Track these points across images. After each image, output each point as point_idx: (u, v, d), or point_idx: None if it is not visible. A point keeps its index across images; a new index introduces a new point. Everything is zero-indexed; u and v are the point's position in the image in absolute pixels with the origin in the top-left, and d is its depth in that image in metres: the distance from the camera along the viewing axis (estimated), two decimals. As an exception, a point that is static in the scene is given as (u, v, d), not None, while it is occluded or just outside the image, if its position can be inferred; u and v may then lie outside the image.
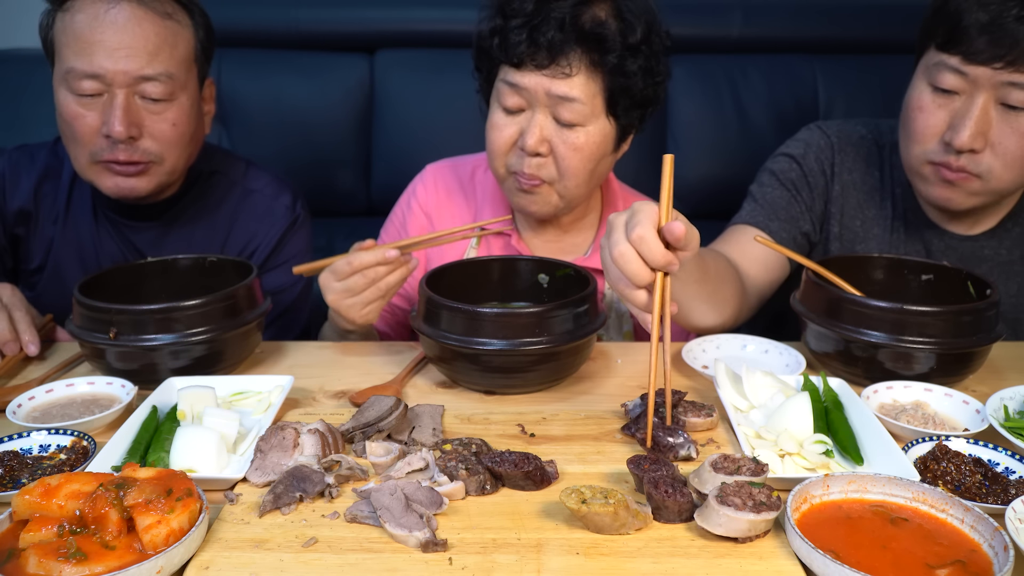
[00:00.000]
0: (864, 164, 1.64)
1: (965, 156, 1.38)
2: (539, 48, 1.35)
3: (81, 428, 1.12)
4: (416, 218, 1.68)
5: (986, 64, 1.32)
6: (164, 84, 1.46)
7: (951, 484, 0.99)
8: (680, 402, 1.16)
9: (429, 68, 2.90)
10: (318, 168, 2.91)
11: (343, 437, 1.10)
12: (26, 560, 0.81)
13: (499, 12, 1.41)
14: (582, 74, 1.38)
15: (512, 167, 1.46)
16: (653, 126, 2.97)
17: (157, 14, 1.45)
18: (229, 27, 2.92)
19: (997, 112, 1.35)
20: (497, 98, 1.45)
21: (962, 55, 1.34)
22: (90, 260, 1.65)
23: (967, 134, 1.35)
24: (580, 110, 1.39)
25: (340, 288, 1.35)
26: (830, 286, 1.31)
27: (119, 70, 1.42)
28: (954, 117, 1.38)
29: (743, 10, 2.96)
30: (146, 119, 1.48)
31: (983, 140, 1.36)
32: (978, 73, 1.33)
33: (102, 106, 1.45)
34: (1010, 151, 1.36)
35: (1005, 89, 1.32)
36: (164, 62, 1.46)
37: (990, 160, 1.38)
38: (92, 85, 1.43)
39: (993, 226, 1.56)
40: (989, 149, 1.38)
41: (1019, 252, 1.56)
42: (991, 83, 1.33)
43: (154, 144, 1.49)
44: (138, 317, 1.24)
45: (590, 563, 0.86)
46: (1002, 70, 1.31)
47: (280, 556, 0.87)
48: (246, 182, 1.73)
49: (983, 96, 1.35)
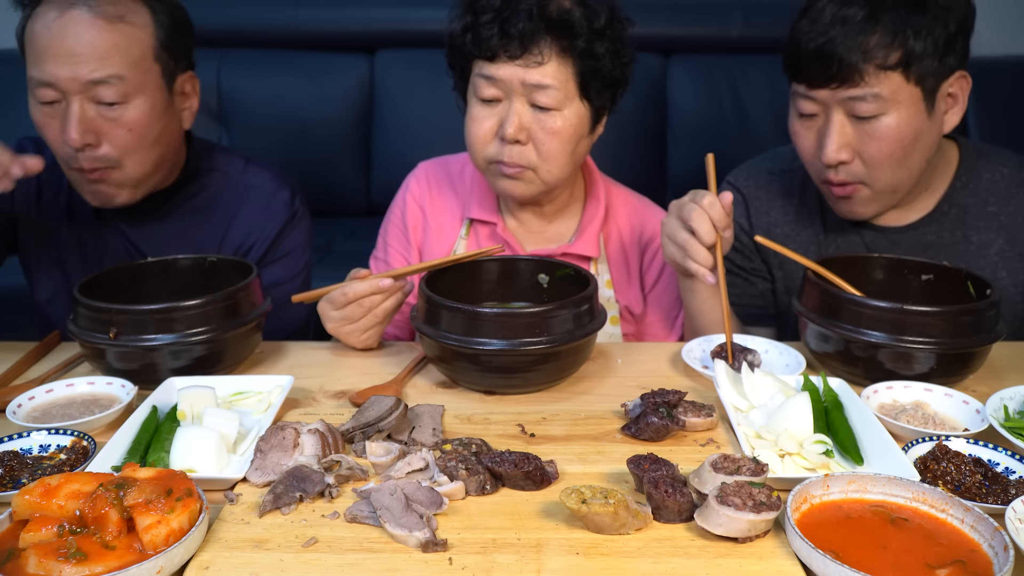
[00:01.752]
0: (780, 198, 1.68)
1: (840, 168, 1.46)
2: (511, 39, 1.41)
3: (81, 428, 1.12)
4: (412, 211, 1.73)
5: (824, 87, 1.41)
6: (116, 87, 1.45)
7: (951, 484, 0.99)
8: (680, 402, 1.16)
9: (429, 68, 2.90)
10: (318, 168, 2.92)
11: (343, 437, 1.10)
12: (26, 560, 0.81)
13: (469, 9, 1.47)
14: (554, 61, 1.44)
15: (493, 157, 1.51)
16: (653, 125, 2.98)
17: (105, 18, 1.43)
18: (229, 27, 2.93)
19: (852, 124, 1.43)
20: (474, 92, 1.51)
21: (806, 83, 1.44)
22: (91, 255, 1.65)
23: (831, 149, 1.44)
24: (555, 95, 1.45)
25: (338, 317, 1.39)
26: (830, 286, 1.32)
27: (68, 77, 1.42)
28: (820, 136, 1.47)
29: (743, 10, 2.96)
30: (103, 125, 1.46)
31: (849, 151, 1.44)
32: (823, 95, 1.42)
33: (60, 113, 1.45)
34: (876, 155, 1.43)
35: (850, 104, 1.41)
36: (115, 64, 1.44)
37: (861, 167, 1.45)
38: (49, 93, 1.44)
39: (930, 211, 1.58)
40: (857, 158, 1.45)
41: (961, 232, 1.57)
42: (836, 100, 1.42)
43: (112, 150, 1.48)
44: (138, 317, 1.24)
45: (590, 563, 0.86)
46: (839, 89, 1.40)
47: (280, 556, 0.87)
48: (245, 178, 1.73)
49: (836, 113, 1.43)
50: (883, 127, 1.41)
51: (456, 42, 1.51)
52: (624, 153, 2.87)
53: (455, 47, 1.52)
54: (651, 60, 2.91)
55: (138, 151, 1.52)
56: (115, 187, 1.53)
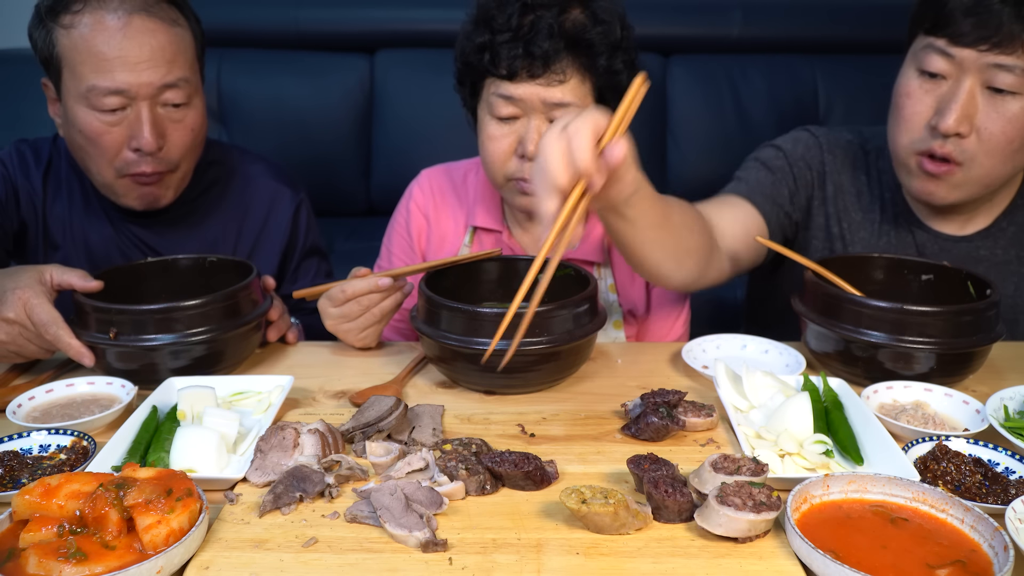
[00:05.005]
0: (851, 168, 1.63)
1: (951, 141, 1.37)
2: (534, 59, 1.39)
3: (81, 428, 1.12)
4: (416, 219, 1.72)
5: (971, 47, 1.31)
6: (183, 89, 1.48)
7: (951, 484, 0.99)
8: (680, 402, 1.16)
9: (429, 68, 2.90)
10: (318, 168, 2.91)
11: (343, 437, 1.10)
12: (26, 560, 0.81)
13: (485, 28, 1.44)
14: (575, 79, 1.42)
15: (512, 174, 1.49)
16: (653, 125, 2.97)
17: (166, 22, 1.46)
18: (229, 27, 2.93)
19: (983, 96, 1.35)
20: (489, 110, 1.48)
21: (948, 37, 1.33)
22: (100, 259, 1.65)
23: (953, 117, 1.34)
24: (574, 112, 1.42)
25: (336, 314, 1.38)
26: (830, 286, 1.31)
27: (143, 83, 1.43)
28: (940, 102, 1.37)
29: (743, 10, 2.96)
30: (168, 127, 1.49)
31: (968, 124, 1.36)
32: (964, 55, 1.33)
33: (127, 120, 1.45)
34: (995, 136, 1.35)
35: (991, 72, 1.32)
36: (181, 67, 1.47)
37: (974, 146, 1.37)
38: (116, 100, 1.43)
39: (987, 225, 1.54)
40: (975, 134, 1.37)
41: (1015, 251, 1.54)
42: (977, 66, 1.33)
43: (174, 151, 1.51)
44: (138, 317, 1.24)
45: (590, 563, 0.86)
46: (987, 52, 1.30)
47: (280, 556, 0.87)
48: (245, 168, 1.75)
49: (969, 79, 1.34)
50: (1017, 108, 1.33)
51: (470, 60, 1.47)
52: (624, 153, 2.86)
53: (468, 65, 1.49)
54: (651, 60, 2.91)
55: (194, 151, 1.57)
56: (165, 188, 1.55)
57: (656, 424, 1.10)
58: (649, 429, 1.11)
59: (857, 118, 2.86)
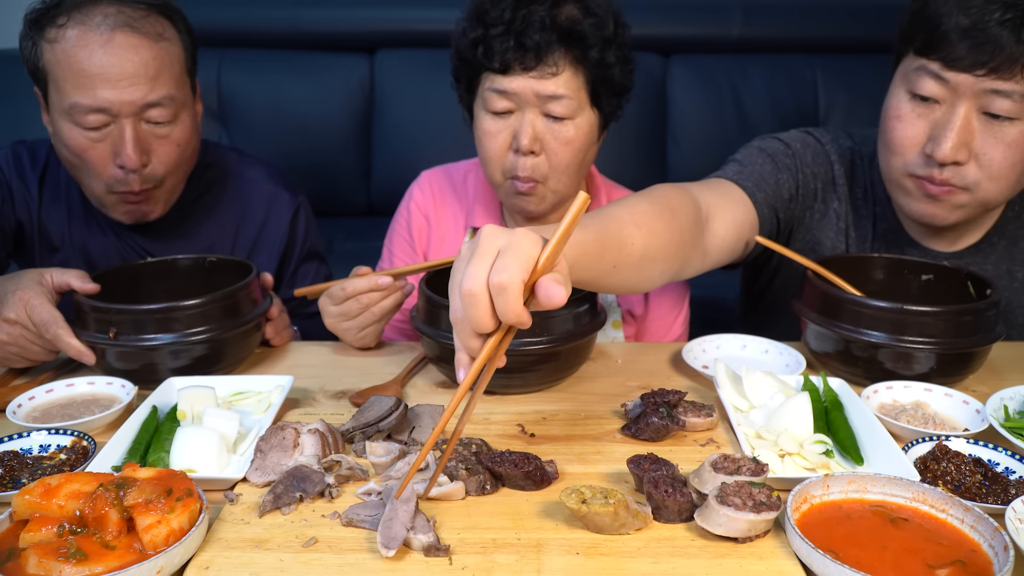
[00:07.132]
0: (847, 178, 1.55)
1: (949, 169, 1.30)
2: (526, 51, 1.40)
3: (81, 428, 1.12)
4: (417, 220, 1.72)
5: (968, 71, 1.23)
6: (167, 107, 1.45)
7: (951, 484, 0.99)
8: (680, 402, 1.16)
9: (429, 68, 2.90)
10: (318, 168, 2.92)
11: (343, 437, 1.10)
12: (26, 560, 0.81)
13: (479, 22, 1.45)
14: (567, 71, 1.43)
15: (508, 171, 1.50)
16: (653, 126, 2.97)
17: (151, 37, 1.42)
18: (229, 27, 2.93)
19: (980, 122, 1.27)
20: (484, 105, 1.49)
21: (942, 61, 1.25)
22: (99, 262, 1.64)
23: (949, 146, 1.26)
24: (568, 105, 1.44)
25: (336, 312, 1.38)
26: (830, 286, 1.31)
27: (124, 101, 1.40)
28: (934, 128, 1.30)
29: (743, 10, 2.96)
30: (153, 144, 1.47)
31: (967, 152, 1.28)
32: (959, 80, 1.25)
33: (110, 136, 1.44)
34: (996, 162, 1.28)
35: (988, 97, 1.24)
36: (165, 85, 1.44)
37: (975, 173, 1.30)
38: (98, 118, 1.41)
39: (977, 240, 1.49)
40: (973, 161, 1.29)
41: (1006, 266, 1.50)
42: (973, 91, 1.25)
43: (160, 167, 1.49)
44: (138, 317, 1.24)
45: (590, 563, 0.86)
46: (984, 77, 1.22)
47: (280, 556, 0.87)
48: (242, 170, 1.74)
49: (965, 105, 1.26)
50: (1016, 133, 1.25)
51: (465, 55, 1.49)
52: (624, 154, 2.87)
53: (464, 60, 1.50)
54: (651, 60, 2.91)
55: (182, 165, 1.54)
56: (153, 204, 1.54)
57: (656, 424, 1.10)
58: (649, 429, 1.11)
59: (857, 118, 2.86)
